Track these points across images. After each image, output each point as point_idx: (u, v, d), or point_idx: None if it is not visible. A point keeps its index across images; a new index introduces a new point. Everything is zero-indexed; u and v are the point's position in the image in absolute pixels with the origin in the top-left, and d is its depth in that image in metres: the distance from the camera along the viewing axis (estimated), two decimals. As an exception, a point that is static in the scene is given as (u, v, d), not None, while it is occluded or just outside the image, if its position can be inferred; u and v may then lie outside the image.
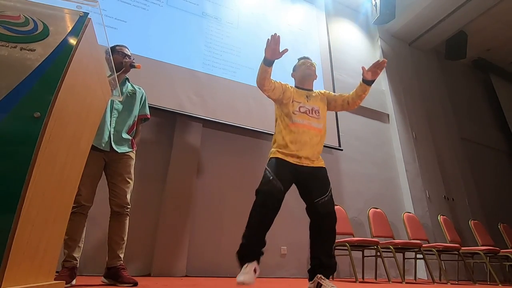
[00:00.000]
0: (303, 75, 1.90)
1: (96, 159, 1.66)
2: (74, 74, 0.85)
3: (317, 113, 1.82)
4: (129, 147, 1.81)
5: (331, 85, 4.11)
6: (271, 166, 1.62)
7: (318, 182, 1.66)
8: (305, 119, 1.75)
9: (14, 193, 0.67)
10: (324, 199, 1.60)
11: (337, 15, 5.00)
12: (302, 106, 1.78)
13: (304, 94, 1.85)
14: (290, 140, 1.68)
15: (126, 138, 1.81)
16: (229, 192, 3.01)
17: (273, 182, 1.54)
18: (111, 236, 1.71)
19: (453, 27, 5.25)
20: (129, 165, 1.80)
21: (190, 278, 2.43)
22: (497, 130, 6.35)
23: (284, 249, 3.01)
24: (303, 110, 1.77)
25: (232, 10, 3.77)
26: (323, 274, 1.48)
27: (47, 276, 0.87)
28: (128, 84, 1.94)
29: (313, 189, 1.63)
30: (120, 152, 1.75)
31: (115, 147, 1.73)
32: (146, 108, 2.02)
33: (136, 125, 1.93)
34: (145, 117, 2.01)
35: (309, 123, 1.75)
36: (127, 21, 2.97)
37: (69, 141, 0.90)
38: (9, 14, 0.83)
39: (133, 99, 1.91)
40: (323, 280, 1.46)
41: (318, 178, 1.67)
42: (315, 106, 1.83)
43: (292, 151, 1.65)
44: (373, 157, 4.25)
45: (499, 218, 4.55)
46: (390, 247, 2.91)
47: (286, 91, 1.82)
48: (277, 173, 1.57)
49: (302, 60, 1.97)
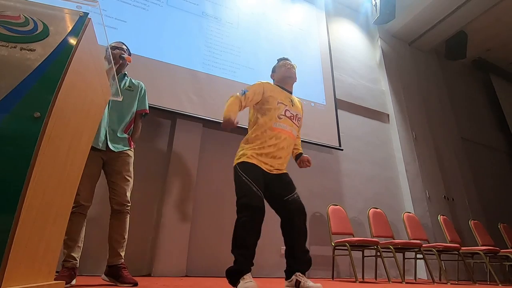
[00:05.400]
0: (283, 77, 1.81)
1: (94, 158, 1.65)
2: (74, 74, 0.85)
3: (299, 121, 1.77)
4: (125, 145, 1.79)
5: (331, 85, 4.11)
6: (248, 172, 1.53)
7: (284, 183, 1.65)
8: (288, 125, 1.67)
9: (14, 193, 0.67)
10: (293, 196, 1.60)
11: (337, 15, 5.00)
12: (288, 110, 1.70)
13: (288, 97, 1.77)
14: (270, 145, 1.61)
15: (123, 137, 1.79)
16: (229, 192, 2.99)
17: (257, 194, 1.48)
18: (112, 235, 1.70)
19: (453, 27, 5.26)
20: (128, 163, 1.78)
21: (190, 278, 2.43)
22: (497, 130, 6.35)
23: (284, 249, 3.00)
24: (288, 115, 1.69)
25: (232, 10, 3.77)
26: (300, 271, 1.49)
27: (47, 276, 0.87)
28: (126, 79, 1.91)
29: (281, 189, 1.62)
30: (117, 151, 1.74)
31: (111, 146, 1.72)
32: (145, 102, 1.97)
33: (135, 121, 1.91)
34: (144, 112, 1.96)
35: (291, 130, 1.69)
36: (127, 21, 2.97)
37: (69, 141, 0.90)
38: (9, 14, 0.83)
39: (131, 95, 1.88)
40: (301, 277, 1.46)
41: (283, 180, 1.66)
42: (299, 113, 1.77)
43: (268, 159, 1.61)
44: (373, 157, 4.25)
45: (499, 218, 4.55)
46: (390, 247, 2.91)
47: (266, 90, 1.70)
48: (256, 181, 1.51)
49: (282, 61, 1.87)
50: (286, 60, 1.87)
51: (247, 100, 1.65)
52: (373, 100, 4.65)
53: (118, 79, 1.86)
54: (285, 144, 1.65)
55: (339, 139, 3.82)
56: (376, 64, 5.11)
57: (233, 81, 3.35)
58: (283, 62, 1.85)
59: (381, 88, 4.88)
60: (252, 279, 1.37)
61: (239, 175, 1.55)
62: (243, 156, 1.61)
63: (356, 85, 4.59)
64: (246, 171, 1.54)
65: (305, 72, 3.93)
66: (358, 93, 4.54)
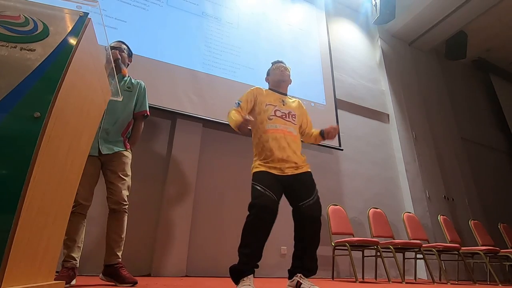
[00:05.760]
0: (277, 80, 1.83)
1: (91, 159, 1.64)
2: (74, 74, 0.85)
3: (294, 118, 1.74)
4: (121, 147, 1.77)
5: (331, 85, 4.11)
6: (258, 179, 1.55)
7: (303, 186, 1.59)
8: (281, 124, 1.67)
9: (14, 193, 0.67)
10: (309, 202, 1.54)
11: (337, 15, 5.00)
12: (278, 110, 1.70)
13: (279, 98, 1.78)
14: (269, 148, 1.61)
15: (117, 140, 1.77)
16: (229, 192, 3.01)
17: (266, 194, 1.47)
18: (109, 234, 1.70)
19: (453, 27, 5.26)
20: (123, 163, 1.76)
21: (190, 278, 2.43)
22: (497, 130, 6.35)
23: (284, 249, 3.01)
24: (279, 114, 1.69)
25: (232, 10, 3.77)
26: (303, 274, 1.47)
27: (47, 276, 0.87)
28: (126, 79, 1.88)
29: (297, 193, 1.58)
30: (112, 152, 1.72)
31: (105, 149, 1.70)
32: (145, 103, 1.92)
33: (134, 123, 1.89)
34: (145, 114, 1.92)
35: (285, 128, 1.67)
36: (127, 21, 2.97)
37: (69, 141, 0.90)
38: (9, 14, 0.83)
39: (129, 95, 1.85)
40: (303, 279, 1.45)
41: (302, 182, 1.60)
42: (292, 111, 1.75)
43: (275, 163, 1.59)
44: (373, 157, 4.25)
45: (499, 218, 4.56)
46: (390, 247, 2.91)
47: (258, 95, 1.74)
48: (267, 185, 1.50)
49: (276, 64, 1.89)
50: (280, 63, 1.88)
51: (243, 110, 1.68)
52: (373, 100, 4.65)
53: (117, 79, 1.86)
54: (285, 143, 1.63)
55: (339, 139, 3.83)
56: (376, 64, 5.11)
57: (233, 81, 3.35)
58: (277, 65, 1.87)
59: (381, 88, 4.89)
60: (253, 282, 1.36)
61: (252, 184, 1.56)
62: (254, 168, 1.64)
63: (356, 85, 4.59)
64: (257, 179, 1.56)
65: (305, 72, 3.93)
66: (358, 93, 4.54)
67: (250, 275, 1.39)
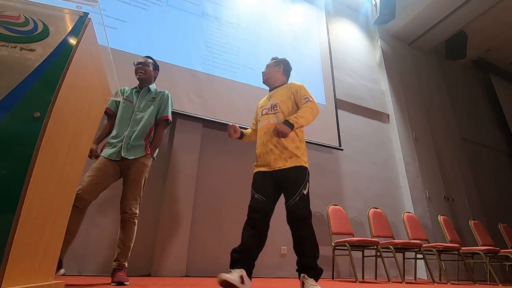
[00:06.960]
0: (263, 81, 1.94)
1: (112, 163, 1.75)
2: (74, 74, 0.85)
3: (275, 108, 1.73)
4: (140, 152, 1.81)
5: (331, 85, 4.11)
6: (252, 182, 1.63)
7: (289, 184, 1.55)
8: (264, 120, 1.73)
9: (14, 193, 0.67)
10: (291, 202, 1.50)
11: (337, 15, 5.00)
12: (264, 109, 1.78)
13: (268, 96, 1.85)
14: (257, 147, 1.71)
15: (138, 144, 1.82)
16: (229, 192, 3.01)
17: (255, 197, 1.56)
18: (117, 240, 1.75)
19: (453, 27, 5.26)
20: (140, 171, 1.80)
21: (190, 278, 2.42)
22: (497, 130, 6.35)
23: (284, 249, 3.01)
24: (264, 112, 1.76)
25: (232, 10, 3.77)
26: (307, 274, 1.45)
27: (47, 276, 0.87)
28: (151, 92, 2.00)
29: (284, 193, 1.57)
30: (130, 158, 1.77)
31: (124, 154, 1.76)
32: (167, 109, 1.99)
33: (156, 129, 1.94)
34: (166, 119, 1.96)
35: (268, 121, 1.70)
36: (127, 21, 2.97)
37: (69, 141, 0.90)
38: (9, 14, 0.83)
39: (153, 104, 1.94)
40: (305, 279, 1.44)
41: (288, 179, 1.56)
42: (273, 102, 1.75)
43: (261, 160, 1.65)
44: (373, 157, 4.25)
45: (499, 218, 4.56)
46: (390, 247, 2.91)
47: (257, 108, 1.89)
48: (257, 188, 1.58)
49: None
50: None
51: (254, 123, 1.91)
52: (373, 100, 4.65)
53: (143, 93, 1.97)
54: (268, 137, 1.64)
55: (339, 139, 3.82)
56: (376, 64, 5.11)
57: (233, 81, 3.35)
58: None
59: (381, 88, 4.88)
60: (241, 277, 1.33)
61: None
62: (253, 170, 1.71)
63: (356, 85, 4.59)
64: (252, 181, 1.65)
65: (305, 72, 3.93)
66: (358, 93, 4.54)
67: (239, 269, 1.38)
